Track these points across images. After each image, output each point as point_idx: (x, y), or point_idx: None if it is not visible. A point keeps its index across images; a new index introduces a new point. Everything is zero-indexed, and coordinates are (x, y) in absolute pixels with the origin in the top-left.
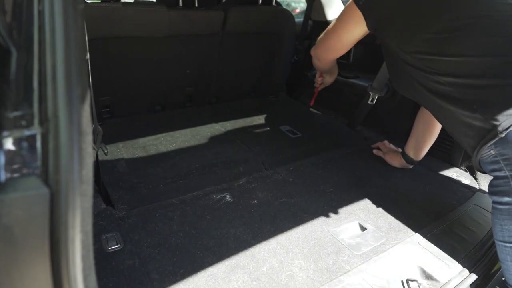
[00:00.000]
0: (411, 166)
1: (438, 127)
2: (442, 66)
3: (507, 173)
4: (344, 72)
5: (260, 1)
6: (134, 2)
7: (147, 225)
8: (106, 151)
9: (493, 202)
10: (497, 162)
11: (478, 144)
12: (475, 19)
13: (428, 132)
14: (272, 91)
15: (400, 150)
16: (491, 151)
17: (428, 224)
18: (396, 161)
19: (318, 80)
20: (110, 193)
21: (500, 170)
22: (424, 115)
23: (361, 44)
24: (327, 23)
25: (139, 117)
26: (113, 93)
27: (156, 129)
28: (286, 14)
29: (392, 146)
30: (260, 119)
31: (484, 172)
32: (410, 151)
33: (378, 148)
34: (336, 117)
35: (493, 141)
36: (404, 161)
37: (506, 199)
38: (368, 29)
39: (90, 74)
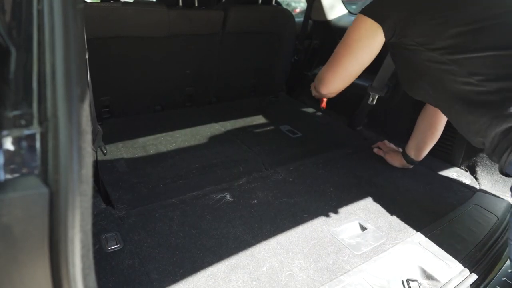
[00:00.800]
0: (412, 166)
1: (440, 128)
2: (472, 62)
3: None
4: None
5: (260, 1)
6: (133, 1)
7: (147, 225)
8: (105, 151)
9: None
10: None
11: (510, 146)
12: (501, 9)
13: (430, 133)
14: (272, 91)
15: (400, 150)
16: None
17: (429, 224)
18: (396, 161)
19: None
20: (110, 193)
21: None
22: (427, 115)
23: None
24: (327, 22)
25: (139, 117)
26: (112, 93)
27: (156, 129)
28: (286, 14)
29: (392, 145)
30: (260, 119)
31: (507, 175)
32: (411, 151)
33: (379, 148)
34: (336, 117)
35: None
36: (405, 161)
37: None
38: (386, 36)
39: (89, 74)
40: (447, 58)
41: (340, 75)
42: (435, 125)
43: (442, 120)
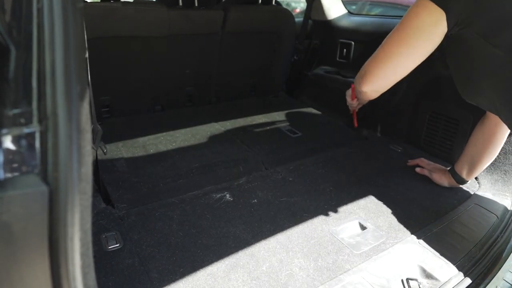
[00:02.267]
0: (459, 186)
1: (500, 144)
2: None
3: None
4: (344, 72)
5: (260, 1)
6: (134, 1)
7: (147, 224)
8: (105, 150)
9: None
10: None
11: None
12: None
13: (487, 151)
14: (272, 90)
15: (445, 168)
16: None
17: (428, 223)
18: (445, 180)
19: (353, 102)
20: (110, 193)
21: None
22: (485, 129)
23: (361, 43)
24: (327, 22)
25: (139, 117)
26: (112, 92)
27: (156, 129)
28: (286, 14)
29: (432, 163)
30: (260, 119)
31: None
32: (462, 170)
33: (420, 167)
34: (336, 117)
35: None
36: (454, 181)
37: None
38: (448, 25)
39: (89, 73)
40: None
41: (390, 69)
42: (494, 141)
43: (504, 134)
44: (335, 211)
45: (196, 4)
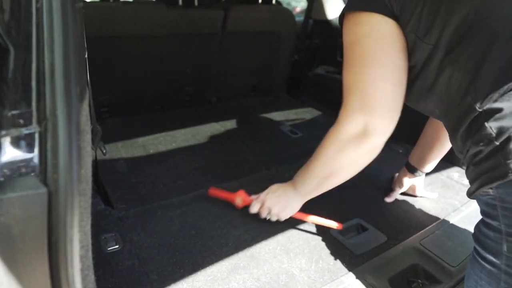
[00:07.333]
0: (417, 177)
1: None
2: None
3: (502, 227)
4: None
5: (260, 0)
6: (133, 1)
7: (146, 226)
8: (104, 151)
9: (475, 251)
10: (493, 207)
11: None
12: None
13: (438, 143)
14: (272, 90)
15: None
16: (490, 190)
17: (430, 224)
18: (409, 182)
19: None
20: (109, 193)
21: (494, 218)
22: (436, 121)
23: None
24: (327, 22)
25: (138, 117)
26: (112, 92)
27: (155, 129)
28: (286, 13)
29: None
30: (260, 119)
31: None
32: (413, 159)
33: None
34: (337, 117)
35: (498, 183)
36: (407, 171)
37: (491, 258)
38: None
39: (88, 73)
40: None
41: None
42: (444, 134)
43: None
44: (336, 212)
45: (196, 4)
